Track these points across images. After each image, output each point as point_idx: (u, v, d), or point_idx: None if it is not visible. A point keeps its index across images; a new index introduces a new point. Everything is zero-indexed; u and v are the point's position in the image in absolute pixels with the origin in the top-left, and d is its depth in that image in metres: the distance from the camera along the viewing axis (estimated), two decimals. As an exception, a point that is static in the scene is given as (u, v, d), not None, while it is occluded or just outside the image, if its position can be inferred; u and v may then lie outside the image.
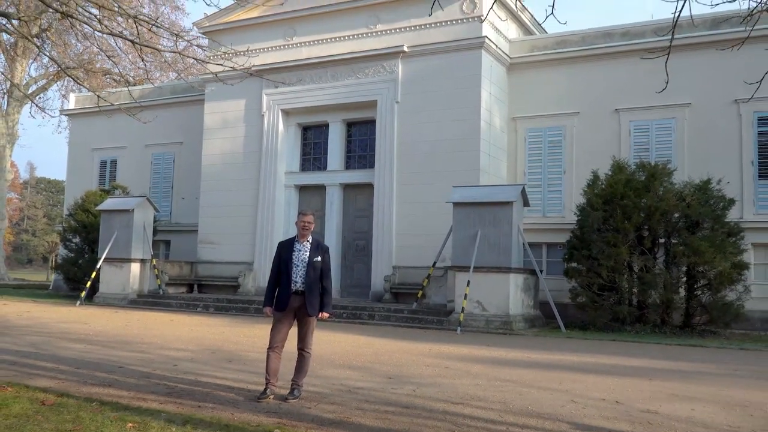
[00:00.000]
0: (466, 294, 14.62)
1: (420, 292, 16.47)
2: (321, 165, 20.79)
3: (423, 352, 10.59)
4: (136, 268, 19.50)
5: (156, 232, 21.31)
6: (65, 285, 22.81)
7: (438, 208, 17.26)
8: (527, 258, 15.81)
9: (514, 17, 20.08)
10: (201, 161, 21.96)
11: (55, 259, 31.55)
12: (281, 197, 20.61)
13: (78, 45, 29.90)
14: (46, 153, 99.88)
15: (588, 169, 16.50)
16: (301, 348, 6.68)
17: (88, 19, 8.88)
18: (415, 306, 16.21)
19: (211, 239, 21.30)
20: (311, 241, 6.75)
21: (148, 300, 19.01)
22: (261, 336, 11.05)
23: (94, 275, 19.28)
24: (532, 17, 20.93)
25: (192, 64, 19.03)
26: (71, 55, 29.38)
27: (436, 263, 16.49)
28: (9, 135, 32.23)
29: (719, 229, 14.56)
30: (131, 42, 8.22)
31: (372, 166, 19.51)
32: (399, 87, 18.88)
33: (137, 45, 8.24)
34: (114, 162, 25.80)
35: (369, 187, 19.44)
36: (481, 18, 17.37)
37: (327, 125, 20.56)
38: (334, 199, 20.05)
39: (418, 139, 18.47)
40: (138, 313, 16.55)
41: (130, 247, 19.32)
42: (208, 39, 21.44)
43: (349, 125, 20.55)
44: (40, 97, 34.26)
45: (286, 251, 6.70)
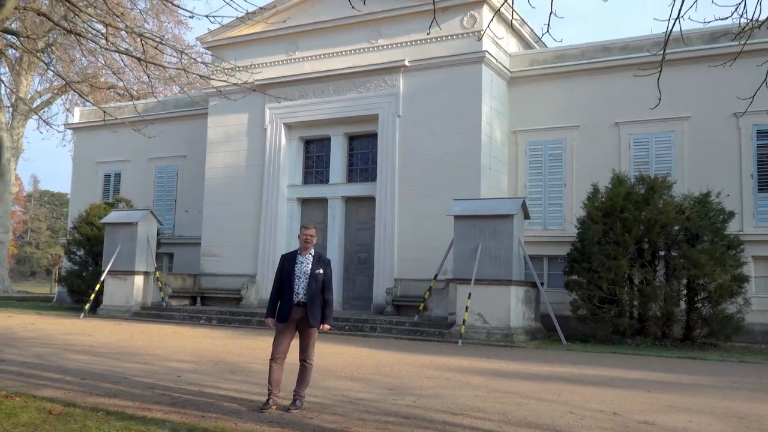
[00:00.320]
0: (467, 306, 14.68)
1: (421, 304, 16.56)
2: (323, 178, 20.95)
3: (424, 363, 10.66)
4: (139, 280, 19.62)
5: (159, 244, 21.44)
6: (69, 297, 22.92)
7: (439, 220, 17.37)
8: (528, 271, 15.88)
9: (513, 32, 20.29)
10: (204, 174, 22.16)
11: (59, 272, 31.66)
12: (284, 210, 20.75)
13: (83, 60, 30.17)
14: (50, 166, 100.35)
15: (588, 182, 16.60)
16: (303, 359, 6.79)
17: (94, 36, 9.08)
18: (417, 318, 16.29)
19: (214, 252, 21.43)
20: (313, 254, 6.88)
21: (151, 312, 19.09)
22: (263, 348, 11.14)
23: (97, 288, 19.38)
24: (531, 31, 21.12)
25: (196, 78, 19.24)
26: (76, 70, 29.64)
27: (437, 276, 16.59)
28: (14, 148, 32.47)
29: (719, 242, 14.61)
30: (137, 59, 8.39)
31: (374, 179, 19.66)
32: (400, 101, 19.07)
33: (143, 62, 8.42)
34: (118, 175, 26.00)
35: (371, 200, 19.58)
36: (481, 33, 17.56)
37: (329, 139, 20.74)
38: (336, 212, 20.19)
39: (419, 153, 18.63)
40: (141, 326, 16.64)
41: (133, 260, 19.45)
42: (211, 53, 21.72)
43: (351, 139, 20.73)
44: (44, 111, 34.54)
45: (288, 263, 6.83)
